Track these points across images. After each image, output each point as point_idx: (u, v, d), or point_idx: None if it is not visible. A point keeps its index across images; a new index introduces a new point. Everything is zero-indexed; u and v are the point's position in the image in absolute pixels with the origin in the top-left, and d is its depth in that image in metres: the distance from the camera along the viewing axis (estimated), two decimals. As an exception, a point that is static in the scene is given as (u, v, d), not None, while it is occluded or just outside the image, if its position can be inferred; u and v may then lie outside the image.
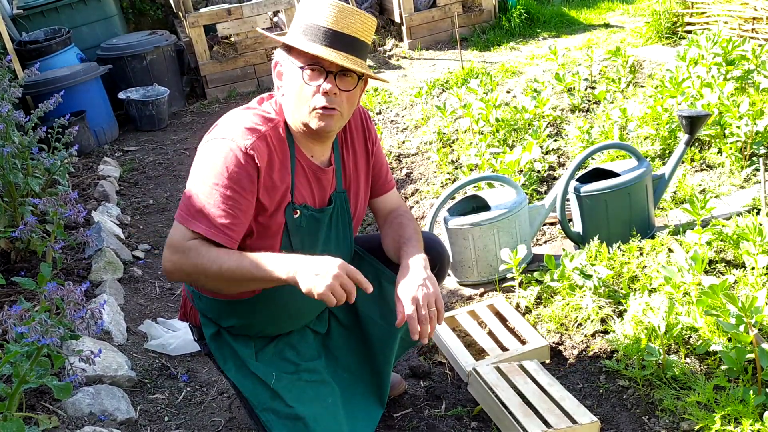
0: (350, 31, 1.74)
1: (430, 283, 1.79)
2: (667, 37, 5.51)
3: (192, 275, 1.73)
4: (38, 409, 2.17)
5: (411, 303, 1.74)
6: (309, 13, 1.75)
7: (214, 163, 1.73)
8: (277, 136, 1.80)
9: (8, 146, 3.03)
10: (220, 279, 1.69)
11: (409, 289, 1.77)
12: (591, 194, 2.88)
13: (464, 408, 2.29)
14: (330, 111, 1.76)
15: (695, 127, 2.93)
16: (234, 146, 1.73)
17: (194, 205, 1.73)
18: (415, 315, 1.74)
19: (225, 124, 1.81)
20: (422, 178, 4.02)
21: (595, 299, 2.50)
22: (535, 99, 4.23)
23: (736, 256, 2.61)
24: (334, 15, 1.72)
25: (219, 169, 1.72)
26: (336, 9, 1.73)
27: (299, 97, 1.76)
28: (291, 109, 1.80)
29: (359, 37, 1.75)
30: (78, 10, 6.13)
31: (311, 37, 1.73)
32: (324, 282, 1.60)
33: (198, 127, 5.62)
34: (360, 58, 1.77)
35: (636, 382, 2.20)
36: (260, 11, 6.22)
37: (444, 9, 6.71)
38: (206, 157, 1.76)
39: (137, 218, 4.07)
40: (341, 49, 1.73)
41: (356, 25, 1.74)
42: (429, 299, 1.76)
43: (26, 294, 2.71)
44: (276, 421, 1.86)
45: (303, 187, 1.87)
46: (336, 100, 1.75)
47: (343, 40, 1.73)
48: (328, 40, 1.72)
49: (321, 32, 1.72)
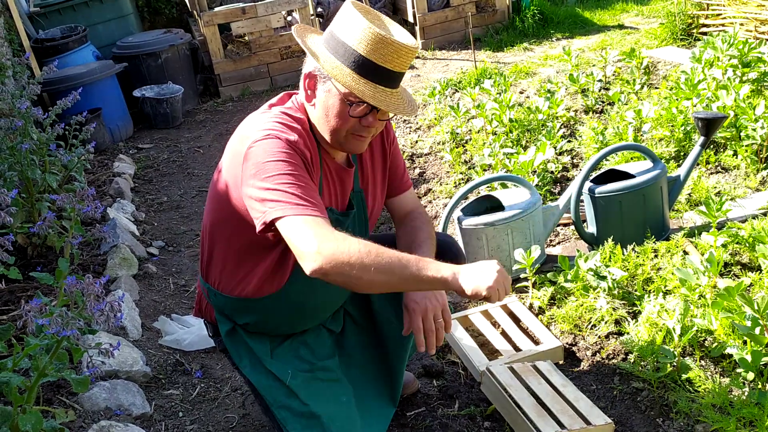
0: (399, 69, 1.72)
1: (438, 294, 1.79)
2: (681, 38, 5.48)
3: (350, 264, 1.55)
4: (55, 402, 2.19)
5: (417, 315, 1.75)
6: (359, 43, 1.67)
7: (273, 154, 1.66)
8: (308, 135, 1.79)
9: (27, 142, 3.06)
10: (372, 266, 1.54)
11: (415, 300, 1.77)
12: (605, 195, 2.87)
13: (477, 407, 2.29)
14: (366, 138, 1.79)
15: (711, 130, 2.92)
16: (283, 138, 1.70)
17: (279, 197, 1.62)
18: (420, 326, 1.75)
19: (257, 123, 1.76)
20: (435, 178, 4.02)
21: (609, 300, 2.49)
22: (548, 100, 4.22)
23: (751, 258, 2.60)
24: (389, 54, 1.67)
25: (281, 156, 1.66)
26: (392, 48, 1.67)
27: (337, 119, 1.75)
28: (323, 123, 1.79)
29: (404, 71, 1.75)
30: (94, 8, 6.18)
31: (362, 71, 1.68)
32: (488, 282, 1.58)
33: (211, 125, 5.65)
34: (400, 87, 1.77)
35: (650, 383, 2.20)
36: (274, 10, 6.24)
37: (457, 9, 6.70)
38: (261, 154, 1.68)
39: (151, 215, 4.09)
40: (387, 85, 1.71)
41: (403, 60, 1.71)
42: (435, 311, 1.77)
43: (43, 289, 2.73)
44: (291, 419, 1.87)
45: (329, 189, 1.88)
46: (373, 129, 1.78)
47: (391, 77, 1.71)
48: (377, 78, 1.69)
49: (371, 68, 1.68)
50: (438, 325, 1.76)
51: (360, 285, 1.58)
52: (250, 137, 1.73)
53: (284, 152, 1.67)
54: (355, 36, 1.67)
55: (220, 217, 1.89)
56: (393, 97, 1.72)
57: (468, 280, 1.58)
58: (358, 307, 2.15)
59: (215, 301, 2.00)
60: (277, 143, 1.68)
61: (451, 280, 1.57)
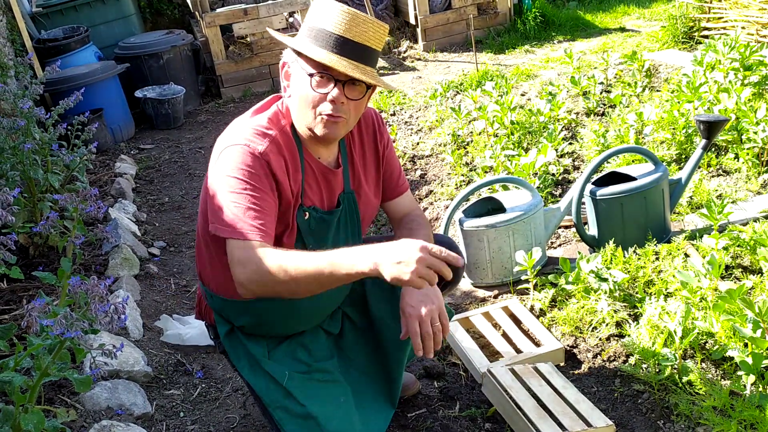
0: (362, 40, 1.72)
1: (434, 297, 1.78)
2: (683, 41, 5.49)
3: (266, 285, 1.65)
4: (56, 402, 2.20)
5: (414, 319, 1.74)
6: (320, 19, 1.73)
7: (234, 168, 1.72)
8: (286, 139, 1.81)
9: (29, 142, 3.06)
10: (293, 281, 1.62)
11: (412, 304, 1.77)
12: (607, 198, 2.88)
13: (478, 409, 2.30)
14: (336, 118, 1.75)
15: (713, 133, 2.93)
16: (249, 150, 1.73)
17: (227, 214, 1.71)
18: (418, 331, 1.74)
19: (235, 129, 1.81)
20: (436, 180, 4.03)
21: (611, 303, 2.50)
22: (550, 102, 4.22)
23: (752, 261, 2.61)
24: (347, 22, 1.70)
25: (240, 173, 1.71)
26: (348, 16, 1.71)
27: (306, 102, 1.76)
28: (297, 113, 1.80)
29: (370, 45, 1.74)
30: (96, 9, 6.19)
31: (321, 44, 1.71)
32: (409, 269, 1.51)
33: (213, 126, 5.66)
34: (370, 66, 1.76)
35: (651, 386, 2.20)
36: (276, 12, 6.25)
37: (459, 11, 6.71)
38: (225, 163, 1.74)
39: (153, 215, 4.10)
40: (352, 57, 1.71)
41: (368, 33, 1.72)
42: (433, 314, 1.75)
43: (45, 288, 2.74)
44: (288, 420, 1.87)
45: (312, 189, 1.88)
46: (343, 108, 1.75)
47: (354, 48, 1.71)
48: (338, 48, 1.70)
49: (332, 39, 1.71)
50: (435, 329, 1.74)
51: (288, 294, 1.69)
52: (225, 143, 1.79)
53: (247, 169, 1.72)
54: (321, 15, 1.73)
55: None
56: (354, 68, 1.71)
57: (388, 271, 1.53)
58: (355, 308, 2.16)
59: (213, 303, 2.00)
60: (244, 157, 1.72)
61: (369, 272, 1.56)
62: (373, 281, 2.11)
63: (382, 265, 1.54)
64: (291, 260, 1.62)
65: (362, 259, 1.57)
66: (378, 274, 1.55)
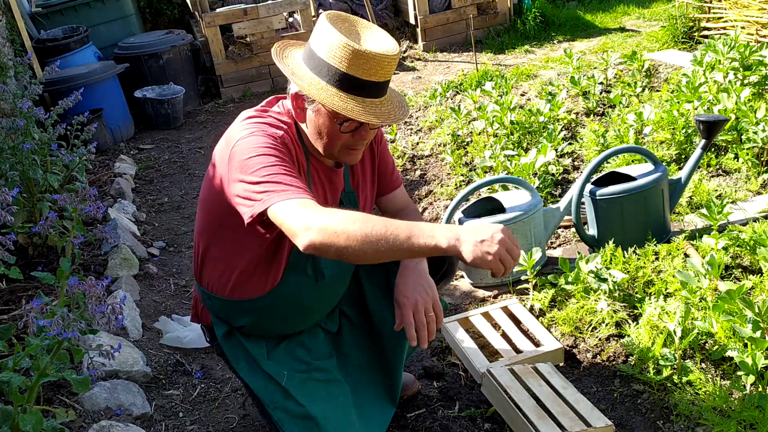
0: (384, 78, 1.72)
1: (428, 288, 1.79)
2: (683, 41, 5.49)
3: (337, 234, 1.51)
4: (55, 402, 2.19)
5: (408, 309, 1.75)
6: (340, 61, 1.67)
7: (257, 148, 1.68)
8: (293, 138, 1.81)
9: (28, 142, 3.06)
10: (365, 242, 1.49)
11: (405, 295, 1.78)
12: (607, 198, 2.88)
13: (478, 409, 2.29)
14: (360, 149, 1.81)
15: (713, 132, 2.92)
16: (268, 133, 1.72)
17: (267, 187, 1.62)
18: (411, 321, 1.74)
19: (244, 124, 1.78)
20: (436, 180, 4.03)
21: (610, 303, 2.49)
22: (550, 102, 4.22)
23: (752, 261, 2.60)
24: (373, 68, 1.67)
25: (265, 150, 1.67)
26: (374, 62, 1.66)
27: (329, 137, 1.77)
28: (316, 140, 1.81)
29: (389, 78, 1.75)
30: (96, 9, 6.19)
31: (344, 87, 1.69)
32: (492, 249, 1.46)
33: (212, 126, 5.66)
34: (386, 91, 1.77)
35: (651, 386, 2.20)
36: (276, 11, 6.24)
37: (459, 11, 6.71)
38: (244, 149, 1.69)
39: (152, 216, 4.10)
40: (375, 96, 1.72)
41: (388, 68, 1.71)
42: (426, 304, 1.76)
43: (44, 289, 2.73)
44: (288, 420, 1.87)
45: (316, 189, 1.89)
46: (366, 140, 1.80)
47: (377, 87, 1.72)
48: (363, 92, 1.70)
49: (355, 83, 1.68)
50: (429, 319, 1.76)
51: (352, 256, 1.52)
52: (234, 138, 1.75)
53: (267, 145, 1.68)
54: (335, 53, 1.67)
55: (209, 219, 1.90)
56: (382, 106, 1.72)
57: (469, 250, 1.47)
58: (353, 306, 2.16)
59: (210, 304, 2.00)
60: (260, 139, 1.69)
61: (447, 248, 1.48)
62: (370, 279, 2.12)
63: (464, 244, 1.47)
64: (365, 217, 1.54)
65: (443, 234, 1.48)
66: (456, 252, 1.48)
